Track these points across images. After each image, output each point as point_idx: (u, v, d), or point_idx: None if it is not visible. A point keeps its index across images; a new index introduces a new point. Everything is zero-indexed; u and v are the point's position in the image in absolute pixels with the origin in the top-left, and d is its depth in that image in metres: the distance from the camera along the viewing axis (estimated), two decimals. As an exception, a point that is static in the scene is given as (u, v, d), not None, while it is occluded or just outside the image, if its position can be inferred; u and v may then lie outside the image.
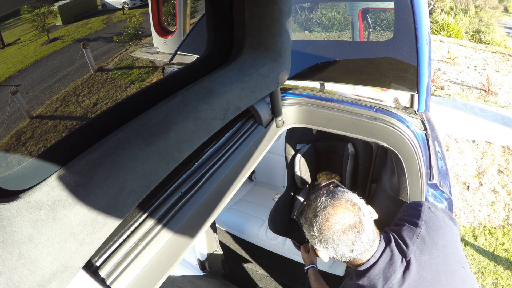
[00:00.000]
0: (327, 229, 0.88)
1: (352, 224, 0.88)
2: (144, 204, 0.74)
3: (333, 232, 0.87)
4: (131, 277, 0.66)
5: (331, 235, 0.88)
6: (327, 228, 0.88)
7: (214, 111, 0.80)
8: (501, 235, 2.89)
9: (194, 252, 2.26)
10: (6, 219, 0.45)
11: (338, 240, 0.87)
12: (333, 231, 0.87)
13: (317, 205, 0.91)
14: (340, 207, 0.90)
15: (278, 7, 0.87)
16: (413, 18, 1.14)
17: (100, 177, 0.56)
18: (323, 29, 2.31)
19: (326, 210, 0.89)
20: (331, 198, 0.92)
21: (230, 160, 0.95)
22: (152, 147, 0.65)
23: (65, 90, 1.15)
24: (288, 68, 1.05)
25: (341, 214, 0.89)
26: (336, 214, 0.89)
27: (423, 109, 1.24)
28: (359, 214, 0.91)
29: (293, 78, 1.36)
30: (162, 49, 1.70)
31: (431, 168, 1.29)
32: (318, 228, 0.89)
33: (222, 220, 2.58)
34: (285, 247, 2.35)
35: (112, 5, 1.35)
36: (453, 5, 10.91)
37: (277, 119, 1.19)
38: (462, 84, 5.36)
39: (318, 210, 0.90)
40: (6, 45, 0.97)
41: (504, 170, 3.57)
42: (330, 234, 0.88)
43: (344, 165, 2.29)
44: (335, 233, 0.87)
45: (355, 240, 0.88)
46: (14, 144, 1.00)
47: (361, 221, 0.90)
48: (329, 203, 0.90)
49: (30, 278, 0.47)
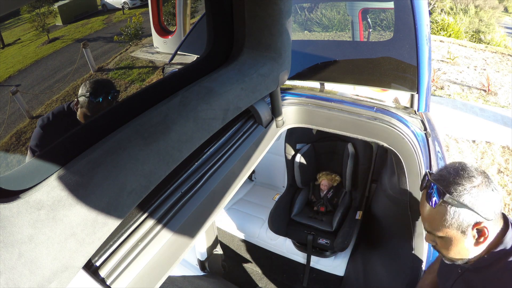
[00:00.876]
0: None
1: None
2: (144, 204, 0.74)
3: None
4: (131, 277, 0.66)
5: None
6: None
7: (214, 111, 0.80)
8: (501, 235, 2.89)
9: (194, 252, 2.26)
10: (6, 219, 0.45)
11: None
12: None
13: None
14: None
15: (278, 7, 0.87)
16: (413, 18, 1.14)
17: (100, 177, 0.56)
18: (323, 29, 2.31)
19: None
20: None
21: (230, 160, 0.95)
22: (152, 147, 0.65)
23: (65, 90, 1.15)
24: (288, 68, 1.05)
25: None
26: None
27: (423, 109, 1.24)
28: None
29: (293, 78, 1.36)
30: (162, 49, 1.70)
31: (431, 168, 1.29)
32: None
33: (222, 220, 2.58)
34: (285, 247, 2.35)
35: (112, 5, 1.35)
36: (453, 5, 10.91)
37: (277, 119, 1.19)
38: (462, 84, 5.36)
39: None
40: (6, 45, 0.97)
41: (504, 170, 3.57)
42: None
43: (344, 165, 2.29)
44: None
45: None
46: (14, 144, 1.00)
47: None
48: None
49: (30, 278, 0.47)
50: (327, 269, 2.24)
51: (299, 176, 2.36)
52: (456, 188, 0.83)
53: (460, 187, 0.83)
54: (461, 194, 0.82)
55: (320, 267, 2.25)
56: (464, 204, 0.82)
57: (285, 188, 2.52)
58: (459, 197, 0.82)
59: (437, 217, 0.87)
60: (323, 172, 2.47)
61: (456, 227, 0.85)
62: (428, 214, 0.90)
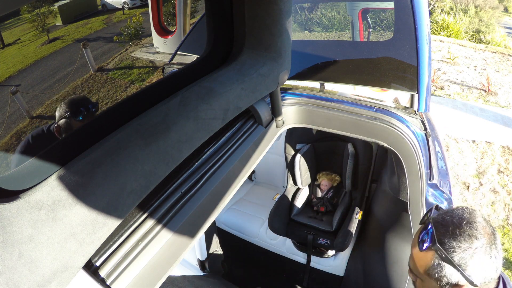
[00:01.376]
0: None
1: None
2: (144, 204, 0.74)
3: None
4: (131, 277, 0.66)
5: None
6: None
7: (214, 111, 0.80)
8: (501, 235, 2.89)
9: (194, 252, 2.26)
10: (6, 219, 0.45)
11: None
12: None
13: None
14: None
15: (278, 7, 0.87)
16: (413, 18, 1.14)
17: (100, 177, 0.56)
18: (323, 29, 2.31)
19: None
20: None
21: (230, 160, 0.95)
22: (152, 147, 0.65)
23: (65, 90, 1.15)
24: (288, 68, 1.05)
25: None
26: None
27: (423, 109, 1.24)
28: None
29: (293, 78, 1.36)
30: (162, 49, 1.70)
31: (431, 168, 1.29)
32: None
33: (222, 220, 2.58)
34: (285, 247, 2.35)
35: (112, 5, 1.35)
36: (453, 5, 10.90)
37: (277, 119, 1.19)
38: (462, 84, 5.36)
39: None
40: (6, 45, 0.97)
41: (504, 170, 3.57)
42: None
43: (344, 165, 2.29)
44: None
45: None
46: (14, 144, 1.00)
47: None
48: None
49: (30, 278, 0.47)
50: (327, 269, 2.24)
51: (299, 176, 2.36)
52: (451, 242, 0.76)
53: (455, 243, 0.76)
54: (453, 250, 0.76)
55: (320, 267, 2.25)
56: (452, 262, 0.76)
57: (285, 188, 2.52)
58: (449, 253, 0.76)
59: (421, 261, 0.82)
60: (323, 172, 2.47)
61: (436, 279, 0.79)
62: (415, 254, 0.84)
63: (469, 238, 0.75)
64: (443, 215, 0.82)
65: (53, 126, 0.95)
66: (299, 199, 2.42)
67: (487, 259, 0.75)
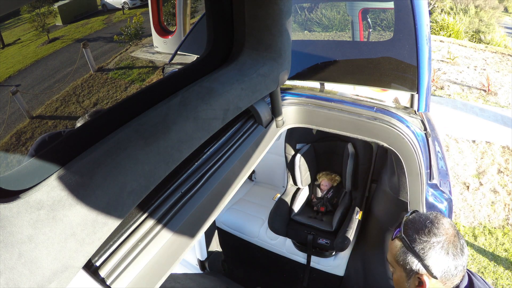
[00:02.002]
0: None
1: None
2: (144, 204, 0.74)
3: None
4: (131, 277, 0.66)
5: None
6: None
7: (214, 111, 0.80)
8: (501, 235, 2.89)
9: (194, 252, 2.26)
10: (6, 219, 0.45)
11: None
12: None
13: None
14: None
15: (278, 7, 0.87)
16: (413, 18, 1.14)
17: (100, 177, 0.56)
18: (323, 29, 2.31)
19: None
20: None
21: (230, 160, 0.95)
22: (152, 147, 0.65)
23: (65, 90, 1.15)
24: (288, 68, 1.04)
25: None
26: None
27: (423, 109, 1.24)
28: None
29: (293, 78, 1.36)
30: (162, 49, 1.70)
31: (431, 168, 1.29)
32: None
33: (222, 220, 2.58)
34: (285, 247, 2.35)
35: (112, 5, 1.35)
36: (453, 5, 10.90)
37: (277, 119, 1.19)
38: (462, 84, 5.36)
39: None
40: (6, 45, 0.97)
41: (504, 170, 3.57)
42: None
43: (344, 165, 2.29)
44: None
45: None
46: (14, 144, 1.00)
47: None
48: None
49: (30, 278, 0.47)
50: (327, 269, 2.24)
51: (299, 176, 2.36)
52: (414, 235, 0.90)
53: (417, 235, 0.89)
54: (414, 240, 0.89)
55: (320, 267, 2.25)
56: (413, 250, 0.89)
57: (285, 188, 2.52)
58: (411, 242, 0.90)
59: (392, 249, 0.96)
60: (323, 172, 2.47)
61: (402, 265, 0.92)
62: (389, 245, 0.99)
63: (429, 233, 0.89)
64: (415, 216, 0.96)
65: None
66: (299, 199, 2.42)
67: (443, 254, 0.87)
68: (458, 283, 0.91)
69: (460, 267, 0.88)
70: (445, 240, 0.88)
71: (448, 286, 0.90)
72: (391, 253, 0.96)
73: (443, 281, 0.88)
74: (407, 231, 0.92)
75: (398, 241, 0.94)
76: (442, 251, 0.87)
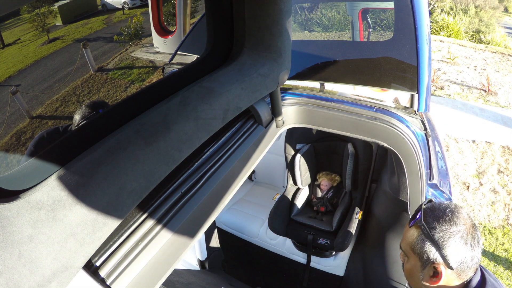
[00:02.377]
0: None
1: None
2: (144, 204, 0.74)
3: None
4: (131, 277, 0.66)
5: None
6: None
7: (214, 111, 0.80)
8: (501, 235, 2.89)
9: (194, 252, 2.26)
10: (6, 219, 0.45)
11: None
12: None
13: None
14: None
15: (278, 7, 0.87)
16: (413, 18, 1.14)
17: (100, 177, 0.56)
18: (323, 29, 2.31)
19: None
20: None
21: (230, 160, 0.95)
22: (152, 147, 0.65)
23: (65, 90, 1.15)
24: (288, 68, 1.04)
25: None
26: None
27: (423, 109, 1.24)
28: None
29: (293, 78, 1.36)
30: (162, 49, 1.70)
31: (431, 168, 1.29)
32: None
33: (222, 220, 2.58)
34: (285, 247, 2.35)
35: (112, 5, 1.35)
36: (453, 5, 10.90)
37: (277, 119, 1.19)
38: (462, 84, 5.36)
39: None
40: (6, 45, 0.96)
41: (504, 170, 3.57)
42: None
43: (344, 165, 2.29)
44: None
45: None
46: (14, 144, 1.00)
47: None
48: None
49: (30, 278, 0.47)
50: (327, 269, 2.24)
51: (299, 176, 2.36)
52: (433, 222, 0.88)
53: (437, 224, 0.87)
54: (434, 229, 0.87)
55: (320, 267, 2.25)
56: (433, 239, 0.87)
57: (285, 188, 2.52)
58: (431, 230, 0.87)
59: (408, 237, 0.93)
60: (323, 172, 2.47)
61: (418, 254, 0.90)
62: (405, 232, 0.96)
63: (449, 222, 0.87)
64: (434, 204, 0.94)
65: (73, 128, 0.95)
66: (299, 199, 2.42)
67: (462, 244, 0.85)
68: (471, 276, 0.88)
69: (475, 259, 0.86)
70: (465, 229, 0.86)
71: (462, 278, 0.88)
72: (407, 241, 0.93)
73: (458, 272, 0.86)
74: (427, 218, 0.89)
75: (415, 228, 0.91)
76: (461, 240, 0.85)
